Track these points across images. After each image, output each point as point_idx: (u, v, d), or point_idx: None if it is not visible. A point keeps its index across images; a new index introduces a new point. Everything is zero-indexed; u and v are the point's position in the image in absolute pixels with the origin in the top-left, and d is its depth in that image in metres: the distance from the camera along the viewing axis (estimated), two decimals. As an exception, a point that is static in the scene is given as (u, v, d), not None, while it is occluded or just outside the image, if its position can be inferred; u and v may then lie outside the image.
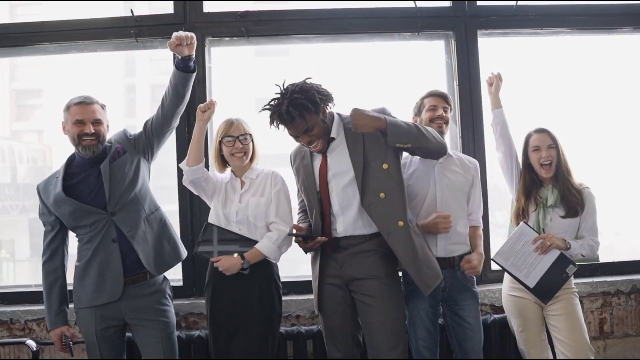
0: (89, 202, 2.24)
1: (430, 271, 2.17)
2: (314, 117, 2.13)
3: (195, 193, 2.45)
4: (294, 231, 2.26)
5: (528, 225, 2.45)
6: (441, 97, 2.48)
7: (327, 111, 2.21)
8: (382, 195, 2.15)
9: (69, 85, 3.30)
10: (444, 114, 2.45)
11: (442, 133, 2.43)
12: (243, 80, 3.41)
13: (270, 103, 2.16)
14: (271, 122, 2.17)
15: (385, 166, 2.17)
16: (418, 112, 2.52)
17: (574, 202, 2.44)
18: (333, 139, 2.23)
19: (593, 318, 2.90)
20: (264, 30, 2.96)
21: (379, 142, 2.17)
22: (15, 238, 3.79)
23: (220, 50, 3.07)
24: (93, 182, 2.26)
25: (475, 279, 2.46)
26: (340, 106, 2.29)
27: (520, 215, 2.50)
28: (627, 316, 2.93)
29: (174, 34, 2.24)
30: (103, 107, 2.34)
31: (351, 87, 3.03)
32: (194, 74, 2.34)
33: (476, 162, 2.55)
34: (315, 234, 2.23)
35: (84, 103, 2.27)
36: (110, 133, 2.40)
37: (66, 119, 2.30)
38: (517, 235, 2.43)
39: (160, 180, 3.44)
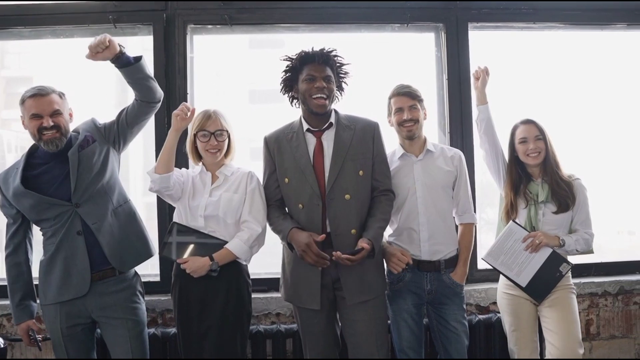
0: (51, 194, 2.03)
1: (361, 287, 2.07)
2: (334, 81, 2.10)
3: (162, 198, 2.24)
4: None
5: (517, 223, 2.27)
6: (405, 95, 2.23)
7: (335, 96, 2.15)
8: (347, 196, 2.06)
9: (60, 73, 3.11)
10: (410, 115, 2.22)
11: (412, 136, 2.24)
12: (236, 71, 3.22)
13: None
14: (287, 71, 2.12)
15: (361, 173, 2.08)
16: (389, 113, 2.31)
17: (564, 196, 2.25)
18: (332, 123, 2.12)
19: (580, 319, 2.71)
20: (248, 18, 2.74)
21: (364, 149, 2.10)
22: (3, 228, 3.61)
23: (206, 39, 2.85)
24: (57, 173, 2.04)
25: (463, 285, 2.28)
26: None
27: (510, 211, 2.31)
28: (614, 318, 2.78)
29: (88, 47, 1.94)
30: (61, 95, 2.10)
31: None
32: (141, 61, 2.05)
33: (459, 151, 2.35)
34: (310, 217, 2.07)
35: (39, 95, 2.02)
36: (76, 123, 2.18)
37: (23, 114, 2.06)
38: (506, 234, 2.27)
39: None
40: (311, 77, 2.05)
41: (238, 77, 3.17)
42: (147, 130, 2.75)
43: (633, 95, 3.02)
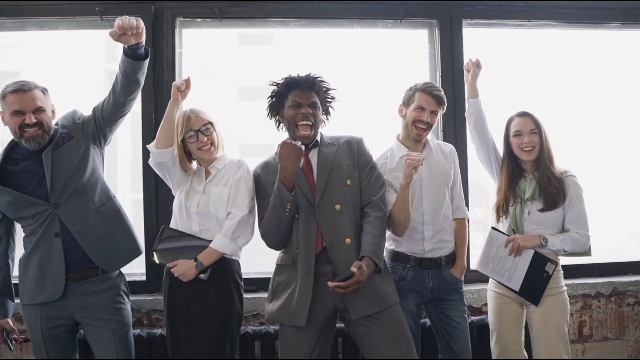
0: (29, 192, 1.95)
1: (367, 299, 1.93)
2: (319, 106, 2.06)
3: (160, 176, 2.18)
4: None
5: (496, 229, 2.26)
6: (434, 98, 2.15)
7: (322, 121, 2.10)
8: (337, 206, 1.99)
9: (48, 68, 3.04)
10: (429, 119, 2.15)
11: (419, 140, 2.20)
12: (226, 68, 3.18)
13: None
14: (273, 96, 2.06)
15: (348, 182, 2.03)
16: (407, 104, 2.22)
17: (552, 192, 2.18)
18: (317, 142, 2.08)
19: (572, 321, 2.71)
20: (238, 12, 2.67)
21: (348, 160, 2.06)
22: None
23: (195, 33, 2.79)
24: (36, 170, 1.97)
25: (462, 280, 2.27)
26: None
27: (500, 208, 2.27)
28: (607, 319, 2.75)
29: (117, 22, 1.84)
30: (44, 91, 2.02)
31: (334, 77, 2.78)
32: (147, 60, 1.99)
33: (452, 146, 2.33)
34: (306, 228, 1.98)
35: (21, 90, 1.94)
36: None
37: (3, 109, 1.98)
38: (488, 242, 2.27)
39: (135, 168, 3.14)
40: (297, 103, 2.01)
41: (227, 73, 3.14)
42: (135, 127, 2.70)
43: (627, 93, 3.00)
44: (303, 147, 1.94)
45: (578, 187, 2.23)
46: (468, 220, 2.35)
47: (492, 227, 2.28)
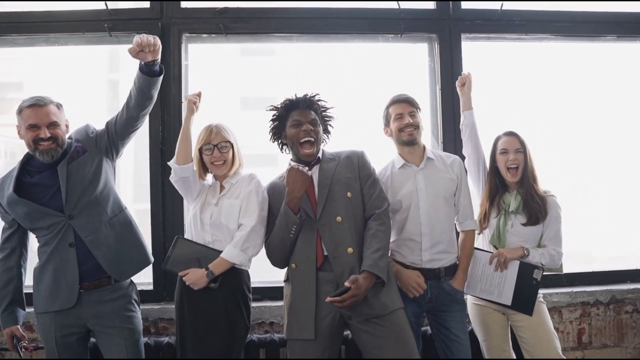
0: (45, 203, 2.06)
1: (367, 306, 2.03)
2: (319, 124, 2.18)
3: (181, 192, 2.29)
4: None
5: (477, 248, 2.36)
6: (405, 102, 2.31)
7: (323, 139, 2.22)
8: (338, 218, 2.09)
9: (50, 79, 3.15)
10: (411, 120, 2.28)
11: (414, 140, 2.29)
12: (228, 79, 3.29)
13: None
14: (274, 120, 2.19)
15: (349, 194, 2.13)
16: (387, 123, 2.36)
17: (536, 209, 2.32)
18: (319, 158, 2.19)
19: (572, 328, 2.80)
20: (243, 27, 2.80)
21: (348, 173, 2.16)
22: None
23: (200, 47, 2.91)
24: (50, 183, 2.07)
25: (463, 291, 2.33)
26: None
27: (482, 220, 2.40)
28: (606, 327, 2.83)
29: (135, 39, 1.96)
30: (59, 106, 2.13)
31: (335, 89, 2.89)
32: (161, 77, 2.11)
33: (458, 157, 2.41)
34: (305, 241, 2.10)
35: (37, 105, 2.05)
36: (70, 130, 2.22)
37: (20, 123, 2.09)
38: (472, 263, 2.35)
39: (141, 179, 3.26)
40: (297, 122, 2.14)
41: (230, 84, 3.24)
42: (139, 138, 2.80)
43: (625, 104, 3.10)
44: (310, 174, 2.06)
45: (558, 207, 2.37)
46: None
47: (474, 248, 2.37)
